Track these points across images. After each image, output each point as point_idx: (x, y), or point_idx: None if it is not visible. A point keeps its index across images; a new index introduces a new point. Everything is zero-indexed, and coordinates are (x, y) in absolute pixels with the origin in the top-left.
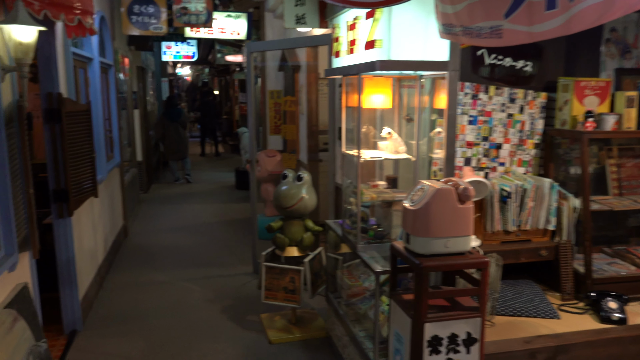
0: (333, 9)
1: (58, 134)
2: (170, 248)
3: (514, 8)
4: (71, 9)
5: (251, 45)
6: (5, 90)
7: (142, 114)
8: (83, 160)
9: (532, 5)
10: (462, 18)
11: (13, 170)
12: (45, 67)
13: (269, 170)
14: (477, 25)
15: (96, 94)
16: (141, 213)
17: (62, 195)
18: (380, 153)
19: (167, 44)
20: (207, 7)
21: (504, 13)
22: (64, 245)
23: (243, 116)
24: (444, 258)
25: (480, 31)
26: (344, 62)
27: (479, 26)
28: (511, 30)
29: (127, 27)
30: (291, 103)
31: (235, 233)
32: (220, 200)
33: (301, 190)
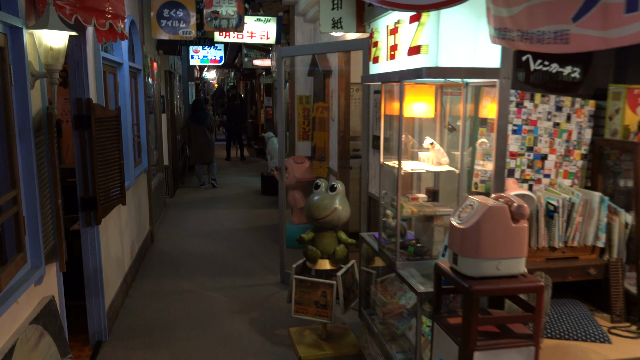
0: (372, 12)
1: (87, 140)
2: (195, 255)
3: (585, 11)
4: (103, 13)
5: (282, 50)
6: (35, 97)
7: (169, 118)
8: (112, 167)
9: (608, 7)
10: (520, 22)
11: (41, 179)
12: (75, 73)
13: (297, 177)
14: (538, 30)
15: (125, 99)
16: (167, 218)
17: (90, 203)
18: (422, 164)
19: (194, 48)
20: (238, 11)
21: (572, 16)
22: (91, 254)
23: (268, 120)
24: (495, 281)
25: (542, 36)
26: (383, 69)
27: (541, 31)
28: (580, 36)
29: (156, 31)
30: (323, 109)
31: (261, 240)
32: (245, 206)
33: (334, 200)
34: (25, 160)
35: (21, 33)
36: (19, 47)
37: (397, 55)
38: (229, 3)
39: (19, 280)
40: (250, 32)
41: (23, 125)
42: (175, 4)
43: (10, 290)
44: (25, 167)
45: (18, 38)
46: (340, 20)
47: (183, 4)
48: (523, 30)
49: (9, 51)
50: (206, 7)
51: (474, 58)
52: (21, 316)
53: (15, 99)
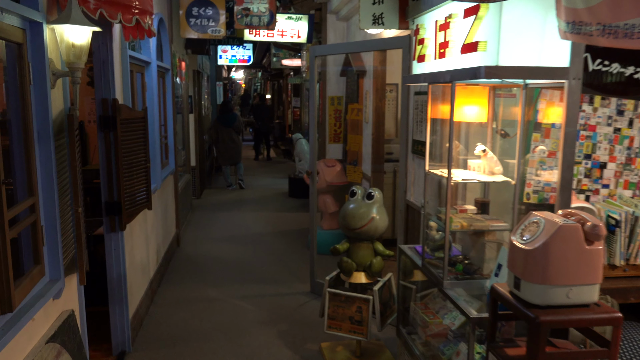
0: (418, 6)
1: (112, 142)
2: (222, 260)
3: None
4: (129, 8)
5: (316, 49)
6: (56, 98)
7: (196, 118)
8: (137, 171)
9: None
10: (600, 14)
11: (62, 185)
12: (100, 72)
13: (327, 181)
14: (625, 23)
15: (153, 99)
16: (193, 220)
17: (114, 208)
18: (473, 174)
19: (223, 47)
20: (269, 8)
21: None
22: (115, 261)
23: (296, 121)
24: (565, 311)
25: (631, 30)
26: (430, 68)
27: (630, 24)
28: None
29: (185, 30)
30: (358, 111)
31: (289, 245)
32: (273, 209)
33: (371, 209)
34: (44, 166)
35: (41, 28)
36: (39, 43)
37: (448, 53)
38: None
39: (36, 295)
40: (281, 31)
41: (42, 127)
42: (205, 2)
43: (25, 307)
44: (44, 173)
45: (38, 34)
46: (382, 16)
47: (213, 2)
48: (604, 24)
49: (27, 48)
50: (237, 3)
51: (539, 56)
52: (37, 334)
53: (35, 99)
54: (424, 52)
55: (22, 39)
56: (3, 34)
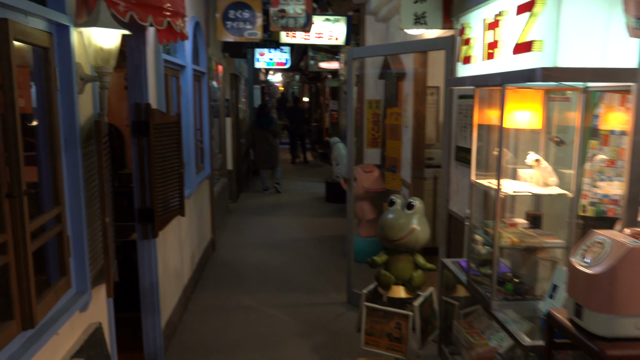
0: (463, 4)
1: (145, 148)
2: (257, 266)
3: None
4: (160, 11)
5: (353, 51)
6: (85, 103)
7: (233, 121)
8: (171, 177)
9: None
10: None
11: (90, 194)
12: (134, 76)
13: (365, 187)
14: None
15: (188, 103)
16: (229, 224)
17: (147, 215)
18: (524, 185)
19: (260, 50)
20: (306, 10)
21: None
22: (147, 268)
23: (334, 124)
24: (635, 345)
25: None
26: (476, 70)
27: None
28: None
29: (221, 33)
30: (397, 115)
31: (326, 252)
32: (309, 214)
33: (412, 220)
34: (70, 173)
35: (68, 32)
36: (66, 47)
37: (497, 53)
38: (296, 1)
39: (61, 308)
40: (318, 33)
41: (69, 134)
42: (241, 4)
43: (49, 322)
44: (71, 181)
45: (64, 37)
46: (424, 15)
47: (249, 4)
48: None
49: (54, 52)
50: (272, 5)
51: (603, 56)
52: (61, 349)
53: (61, 105)
54: (469, 53)
55: (48, 43)
56: (28, 38)
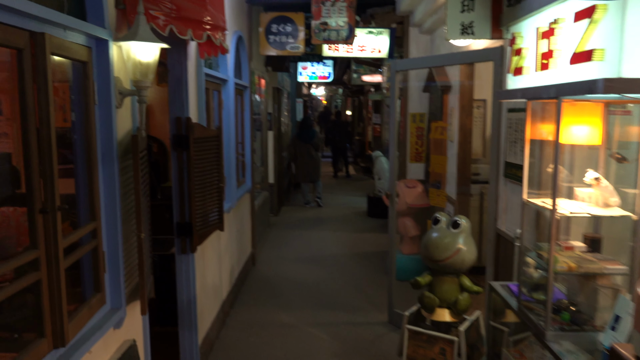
0: (514, 12)
1: (185, 162)
2: (296, 282)
3: None
4: (200, 24)
5: (397, 63)
6: (123, 117)
7: (275, 135)
8: (210, 191)
9: None
10: None
11: (127, 209)
12: (175, 90)
13: (408, 203)
14: None
15: (229, 117)
16: (270, 238)
17: (185, 230)
18: (582, 205)
19: (303, 64)
20: (348, 22)
21: None
22: (185, 283)
23: (376, 138)
24: None
25: None
26: (529, 82)
27: None
28: None
29: (264, 47)
30: (442, 129)
31: (367, 269)
32: (350, 229)
33: (457, 239)
34: (107, 188)
35: (107, 46)
36: (104, 61)
37: (552, 64)
38: (339, 13)
39: (95, 325)
40: (361, 46)
41: (106, 148)
42: (284, 18)
43: (82, 339)
44: (107, 196)
45: (103, 51)
46: (472, 25)
47: (292, 18)
48: None
49: (93, 66)
50: (314, 18)
51: None
52: None
53: (99, 119)
54: (521, 63)
55: (87, 57)
56: (67, 52)
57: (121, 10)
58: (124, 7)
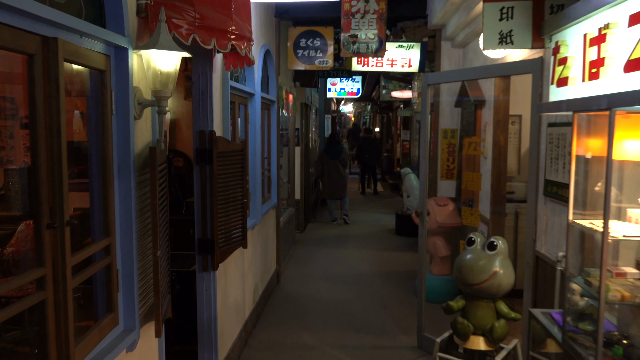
0: (558, 20)
1: (208, 176)
2: (321, 301)
3: None
4: (225, 34)
5: (429, 77)
6: (143, 129)
7: (303, 151)
8: (233, 207)
9: None
10: None
11: (144, 225)
12: (199, 103)
13: (438, 222)
14: None
15: (255, 132)
16: (295, 255)
17: (207, 246)
18: (635, 227)
19: (332, 80)
20: (378, 34)
21: None
22: (205, 302)
23: (405, 154)
24: None
25: None
26: (575, 93)
27: None
28: None
29: (292, 61)
30: (476, 145)
31: (395, 289)
32: (378, 247)
33: (494, 262)
34: (123, 203)
35: (126, 54)
36: (123, 70)
37: (603, 73)
38: (369, 25)
39: (106, 347)
40: (391, 60)
41: (123, 161)
42: (313, 32)
43: None
44: (123, 211)
45: (122, 60)
46: (510, 34)
47: (321, 32)
48: None
49: (111, 75)
50: (344, 31)
51: None
52: None
53: (116, 130)
54: (566, 73)
55: (105, 66)
56: (83, 60)
57: (143, 18)
58: (146, 15)
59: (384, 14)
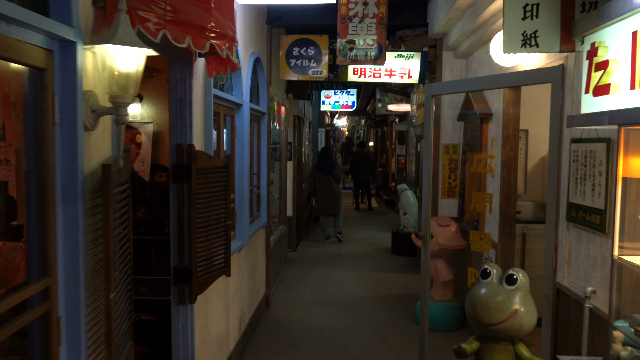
0: (594, 19)
1: (186, 195)
2: (313, 329)
3: None
4: (202, 31)
5: (432, 87)
6: (99, 142)
7: (295, 165)
8: (216, 230)
9: None
10: None
11: (96, 260)
12: (176, 113)
13: (440, 244)
14: None
15: (243, 146)
16: (287, 277)
17: (184, 276)
18: None
19: (326, 92)
20: (378, 40)
21: None
22: (182, 340)
23: (400, 170)
24: None
25: None
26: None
27: None
28: None
29: (284, 71)
30: (485, 162)
31: (392, 315)
32: (373, 268)
33: (513, 299)
34: (68, 234)
35: (74, 50)
36: (70, 69)
37: None
38: (368, 30)
39: None
40: (389, 70)
41: (69, 182)
42: (307, 41)
43: None
44: (68, 244)
45: (70, 57)
46: (535, 35)
47: (315, 41)
48: None
49: (54, 75)
50: (340, 36)
51: None
52: None
53: (61, 144)
54: (606, 80)
55: (45, 63)
56: (14, 55)
57: (100, 9)
58: (104, 5)
59: (384, 18)
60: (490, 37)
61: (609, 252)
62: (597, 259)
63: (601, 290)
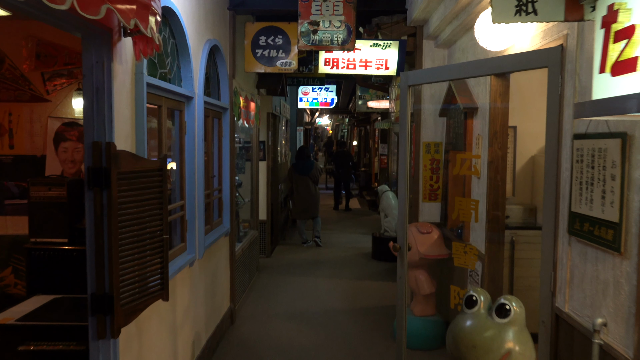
0: None
1: (105, 205)
2: (282, 349)
3: None
4: None
5: (409, 76)
6: None
7: (269, 166)
8: (149, 246)
9: None
10: None
11: None
12: (92, 104)
13: (421, 253)
14: None
15: (195, 145)
16: (258, 286)
17: (103, 305)
18: None
19: (303, 89)
20: (346, 22)
21: None
22: None
23: (383, 170)
24: None
25: None
26: None
27: None
28: None
29: (250, 62)
30: (469, 164)
31: (369, 332)
32: (352, 275)
33: (506, 335)
34: None
35: None
36: None
37: None
38: (334, 10)
39: None
40: (365, 61)
41: None
42: (274, 29)
43: None
44: None
45: None
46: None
47: (283, 29)
48: None
49: None
50: (302, 17)
51: None
52: None
53: None
54: (629, 53)
55: None
56: None
57: None
58: None
59: None
60: (474, 22)
61: (625, 276)
62: (608, 284)
63: (615, 324)
